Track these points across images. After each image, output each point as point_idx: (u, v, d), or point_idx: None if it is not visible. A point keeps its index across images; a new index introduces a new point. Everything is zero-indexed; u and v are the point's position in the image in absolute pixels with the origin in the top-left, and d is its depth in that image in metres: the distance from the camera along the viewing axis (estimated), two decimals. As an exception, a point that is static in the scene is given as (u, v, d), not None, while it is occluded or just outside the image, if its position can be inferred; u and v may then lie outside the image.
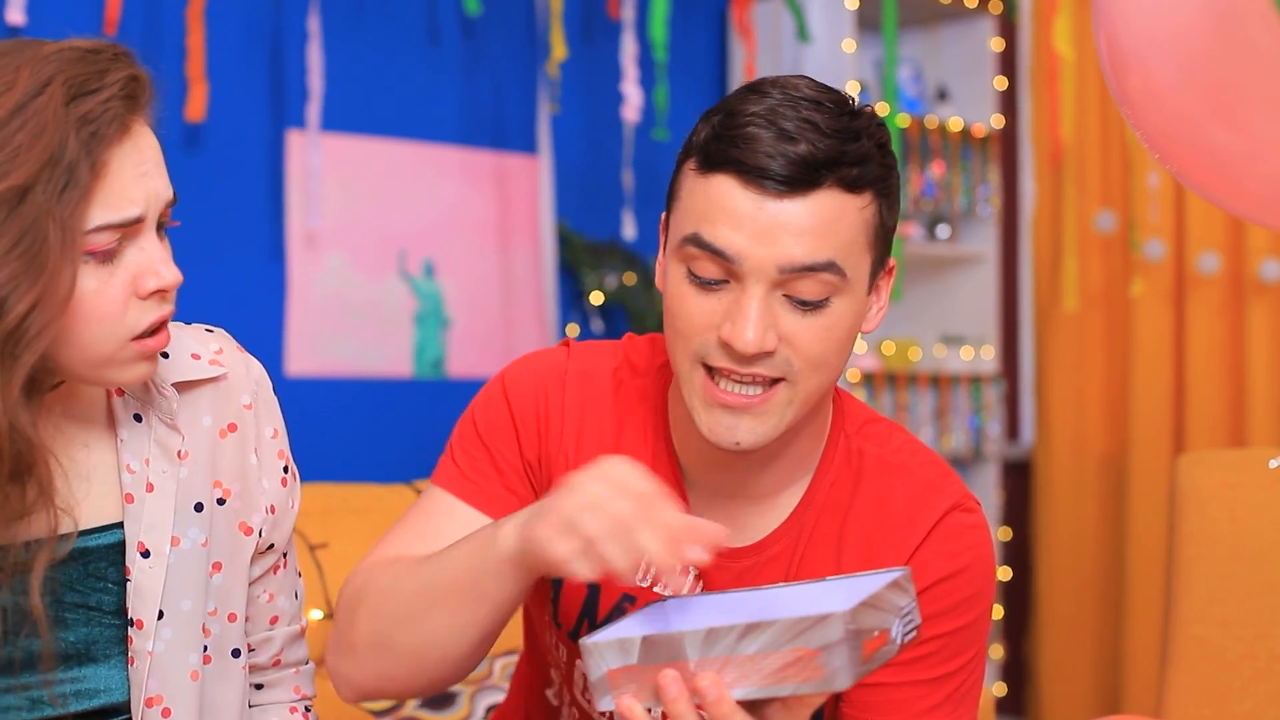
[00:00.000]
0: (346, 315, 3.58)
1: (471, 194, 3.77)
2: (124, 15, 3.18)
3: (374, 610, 1.32)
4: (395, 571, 1.32)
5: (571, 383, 1.45)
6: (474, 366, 3.76)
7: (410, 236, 3.67)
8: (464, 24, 3.77)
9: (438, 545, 1.36)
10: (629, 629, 1.15)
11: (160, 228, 1.25)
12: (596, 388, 1.45)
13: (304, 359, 3.51)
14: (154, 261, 1.23)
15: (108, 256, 1.20)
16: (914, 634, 1.16)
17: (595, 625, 1.43)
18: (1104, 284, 4.31)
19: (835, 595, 1.17)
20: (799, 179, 1.26)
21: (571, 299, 3.92)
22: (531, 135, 3.83)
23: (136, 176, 1.21)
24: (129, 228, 1.21)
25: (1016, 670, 4.50)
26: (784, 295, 1.28)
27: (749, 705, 1.12)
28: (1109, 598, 4.29)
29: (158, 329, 1.25)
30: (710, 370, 1.31)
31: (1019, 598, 4.48)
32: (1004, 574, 4.41)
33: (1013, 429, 4.55)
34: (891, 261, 1.38)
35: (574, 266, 3.87)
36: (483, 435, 1.45)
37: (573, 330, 3.89)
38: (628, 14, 3.74)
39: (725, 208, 1.27)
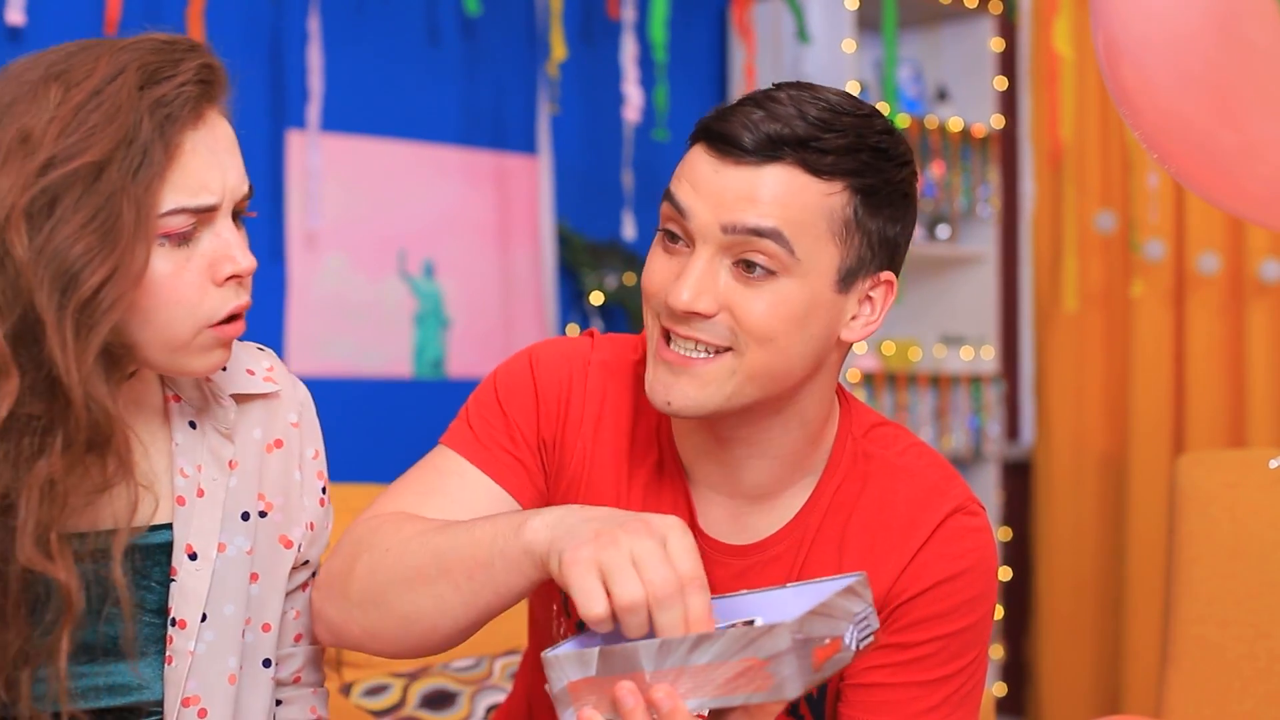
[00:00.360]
0: (346, 315, 3.58)
1: (471, 194, 3.77)
2: (124, 15, 3.17)
3: (375, 564, 1.30)
4: (405, 531, 1.31)
5: (594, 372, 1.47)
6: (474, 367, 3.75)
7: (410, 237, 3.67)
8: (464, 24, 3.77)
9: (445, 504, 1.37)
10: (588, 641, 1.15)
11: (236, 216, 1.27)
12: (617, 379, 1.47)
13: (304, 359, 3.51)
14: (229, 247, 1.25)
15: (183, 240, 1.23)
16: (871, 639, 1.16)
17: None
18: (1104, 284, 4.31)
19: (794, 603, 1.17)
20: (759, 150, 1.29)
21: (571, 299, 3.92)
22: (531, 135, 3.83)
23: (211, 162, 1.23)
24: (204, 214, 1.23)
25: (1016, 670, 4.50)
26: (733, 263, 1.31)
27: (713, 715, 1.12)
28: (1109, 598, 4.29)
29: (235, 317, 1.27)
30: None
31: (1019, 598, 4.48)
32: (1004, 574, 4.41)
33: (1013, 429, 4.55)
34: (887, 275, 1.37)
35: (574, 267, 3.86)
36: (503, 403, 1.45)
37: (572, 330, 3.88)
38: (628, 14, 3.74)
39: (691, 168, 1.33)
